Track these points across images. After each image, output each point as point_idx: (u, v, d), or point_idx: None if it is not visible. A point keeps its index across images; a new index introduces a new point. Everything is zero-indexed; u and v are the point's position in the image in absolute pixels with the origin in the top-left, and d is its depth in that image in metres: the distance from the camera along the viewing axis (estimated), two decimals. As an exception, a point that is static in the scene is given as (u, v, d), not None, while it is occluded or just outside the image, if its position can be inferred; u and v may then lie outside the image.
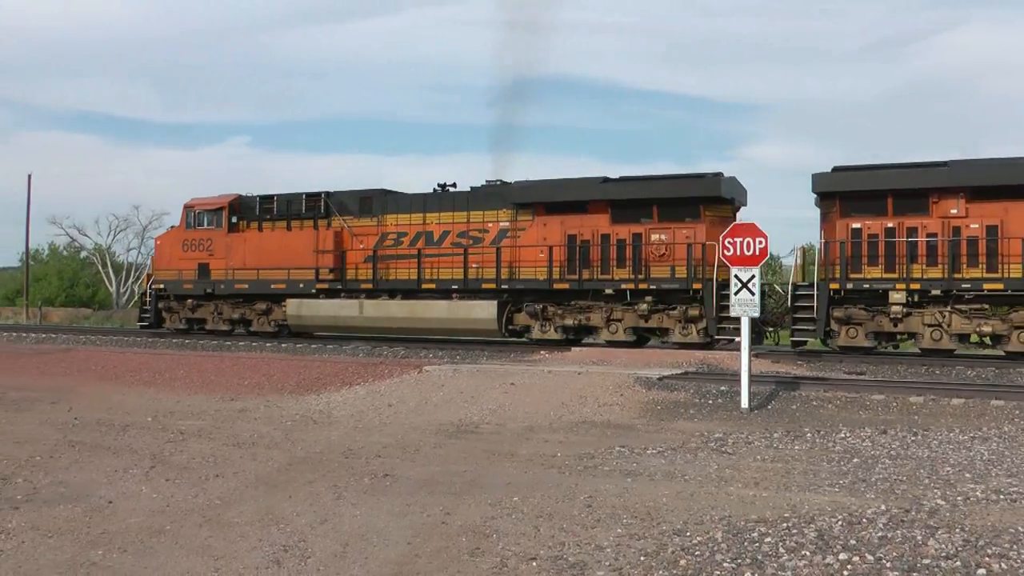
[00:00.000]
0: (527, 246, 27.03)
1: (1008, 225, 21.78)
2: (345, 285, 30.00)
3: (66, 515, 9.12)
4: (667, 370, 18.92)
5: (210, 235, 32.72)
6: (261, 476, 10.75)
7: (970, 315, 22.31)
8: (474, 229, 28.19)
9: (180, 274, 33.40)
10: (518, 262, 27.18)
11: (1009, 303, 21.95)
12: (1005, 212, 21.91)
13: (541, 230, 27.01)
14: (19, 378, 22.40)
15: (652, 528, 7.97)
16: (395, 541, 7.91)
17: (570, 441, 12.78)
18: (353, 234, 30.23)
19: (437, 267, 28.48)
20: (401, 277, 29.11)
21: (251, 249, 31.83)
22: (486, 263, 27.43)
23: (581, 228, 26.49)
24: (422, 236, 28.94)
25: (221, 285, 32.39)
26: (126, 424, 14.92)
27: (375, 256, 29.43)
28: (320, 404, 17.01)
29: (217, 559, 7.60)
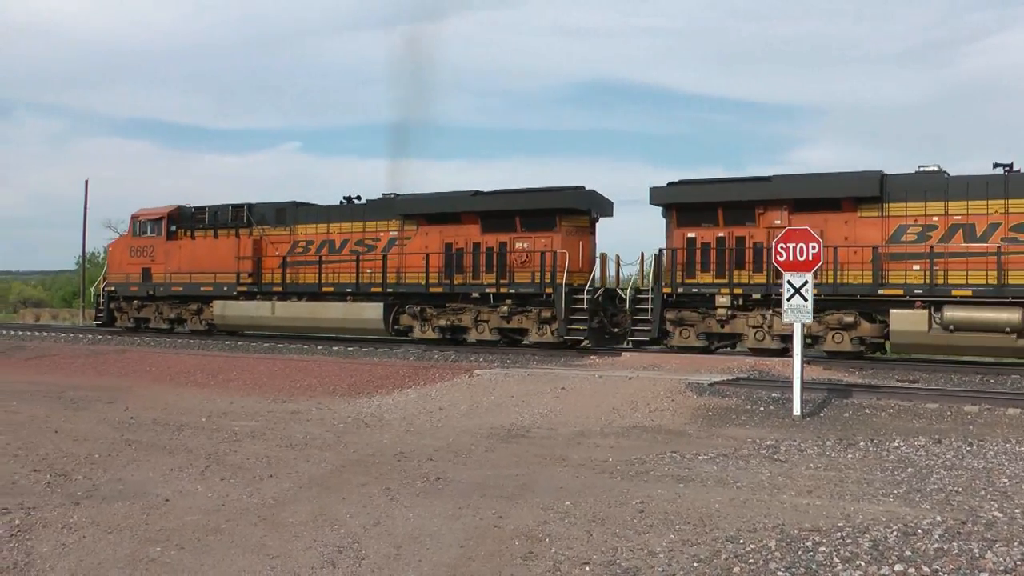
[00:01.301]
0: (411, 253, 30.04)
1: (825, 235, 22.95)
2: (260, 288, 33.25)
3: (124, 512, 9.26)
4: (718, 376, 18.84)
5: (152, 242, 36.37)
6: (314, 477, 10.83)
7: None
8: (369, 238, 31.28)
9: (128, 277, 37.22)
10: (404, 268, 30.21)
11: (825, 307, 23.29)
12: (824, 223, 23.52)
13: (423, 239, 29.95)
14: (76, 378, 22.71)
15: (705, 535, 7.95)
16: (448, 544, 7.95)
17: (621, 446, 12.77)
18: (269, 242, 33.44)
19: (337, 272, 31.51)
20: (307, 281, 32.27)
21: (185, 255, 35.38)
22: (376, 269, 30.45)
23: (456, 237, 29.27)
24: (326, 244, 32.19)
25: (161, 288, 36.11)
26: (181, 424, 15.08)
27: (285, 262, 32.67)
28: (372, 407, 17.10)
29: (272, 558, 7.68)
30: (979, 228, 22.09)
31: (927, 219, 22.83)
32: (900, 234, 23.16)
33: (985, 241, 21.95)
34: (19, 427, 14.69)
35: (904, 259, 22.90)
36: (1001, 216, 21.93)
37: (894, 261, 23.05)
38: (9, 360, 27.05)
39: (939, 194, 22.82)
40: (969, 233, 22.23)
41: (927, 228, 22.78)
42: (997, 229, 21.97)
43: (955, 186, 22.74)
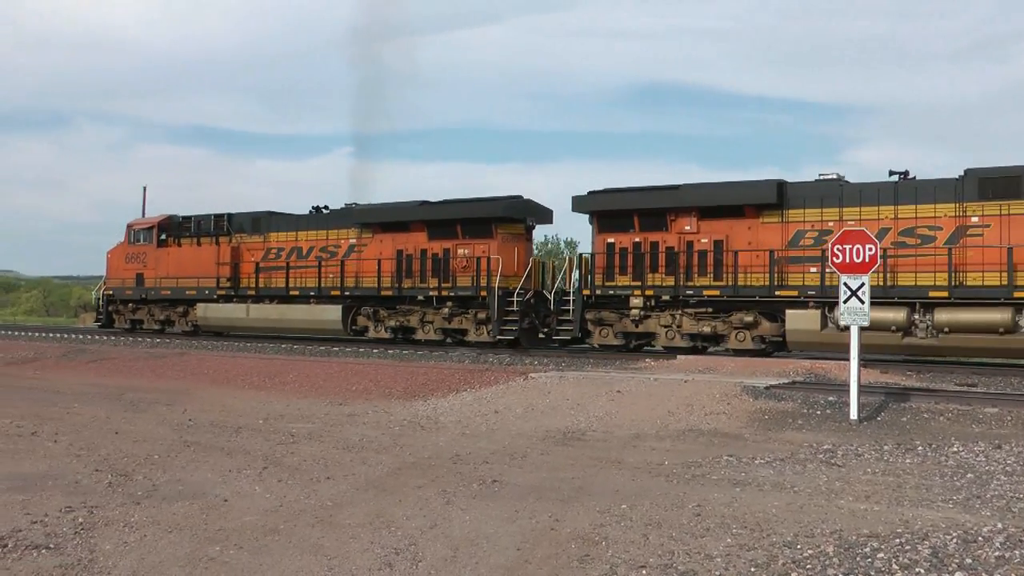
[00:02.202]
0: (366, 259, 32.80)
1: (731, 240, 25.67)
2: (237, 292, 36.42)
3: (184, 511, 9.36)
4: (774, 379, 18.76)
5: (145, 250, 39.52)
6: (371, 480, 10.90)
7: (697, 317, 26.27)
8: (331, 245, 34.08)
9: (123, 282, 40.67)
10: (361, 273, 32.96)
11: (730, 307, 25.78)
12: (730, 228, 25.78)
13: (378, 246, 32.71)
14: (136, 380, 22.99)
15: (762, 539, 7.93)
16: (504, 547, 7.98)
17: (677, 449, 12.75)
18: (246, 249, 36.63)
19: (303, 277, 34.60)
20: (277, 285, 35.38)
21: (172, 261, 38.52)
22: (336, 274, 33.35)
23: (406, 244, 31.95)
24: (295, 251, 35.15)
25: (152, 291, 39.36)
26: (239, 426, 15.23)
27: (258, 268, 35.86)
28: (427, 410, 17.17)
29: (330, 559, 7.73)
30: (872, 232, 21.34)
31: (823, 224, 24.52)
32: (798, 239, 24.86)
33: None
34: (81, 428, 14.89)
35: (802, 262, 24.62)
36: (891, 221, 23.65)
37: (793, 264, 24.79)
38: (71, 363, 27.42)
39: (835, 201, 24.53)
40: None
41: (823, 233, 24.21)
42: (887, 233, 23.47)
43: (849, 193, 24.46)
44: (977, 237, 22.58)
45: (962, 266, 22.71)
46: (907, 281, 23.25)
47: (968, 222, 22.80)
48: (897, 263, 23.40)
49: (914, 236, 23.44)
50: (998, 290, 21.96)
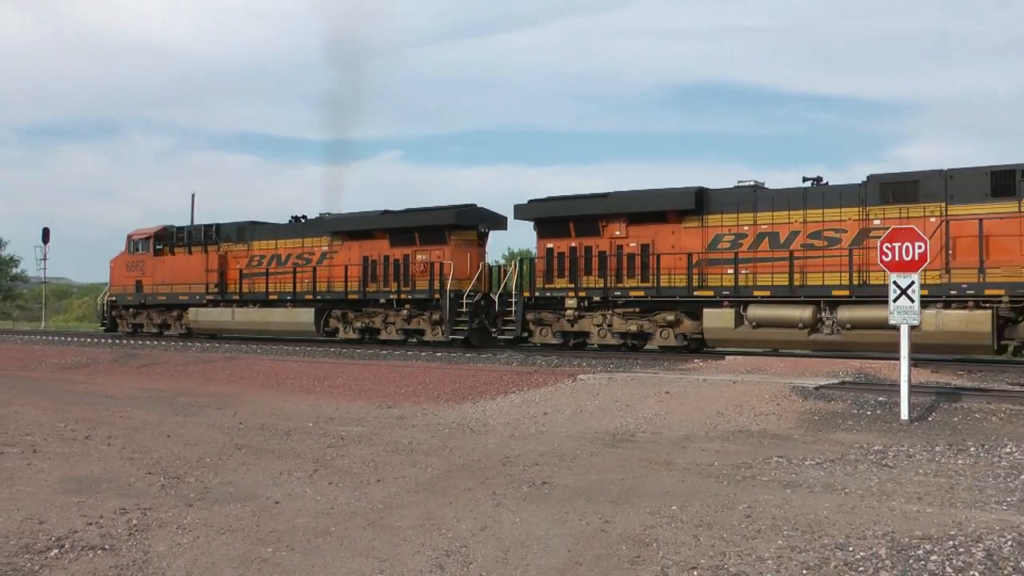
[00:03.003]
0: (336, 265, 35.02)
1: (656, 244, 27.33)
2: (224, 296, 38.81)
3: (236, 513, 9.45)
4: (823, 379, 18.63)
5: (143, 258, 41.98)
6: (421, 482, 10.94)
7: (625, 317, 28.03)
8: (307, 252, 36.38)
9: (125, 289, 43.03)
10: (332, 278, 35.13)
11: (654, 307, 27.54)
12: (655, 233, 27.42)
13: (347, 252, 34.95)
14: (186, 384, 23.19)
15: (814, 541, 7.89)
16: (555, 548, 7.99)
17: (727, 450, 12.71)
18: (232, 256, 39.03)
19: (282, 282, 36.84)
20: (258, 291, 37.74)
21: (167, 269, 40.93)
22: (310, 279, 35.73)
23: (371, 251, 34.10)
24: (275, 258, 37.53)
25: (149, 297, 41.81)
26: (288, 429, 15.32)
27: (242, 274, 38.24)
28: (476, 412, 17.20)
29: (382, 561, 7.78)
30: (782, 236, 25.34)
31: (739, 228, 26.07)
32: (717, 242, 26.41)
33: (787, 247, 25.13)
34: (133, 431, 15.05)
35: (720, 264, 26.24)
36: (800, 225, 25.10)
37: (712, 266, 26.39)
38: (122, 368, 27.70)
39: (750, 206, 26.02)
40: (774, 240, 25.45)
41: (739, 236, 26.04)
42: (797, 236, 25.11)
43: (763, 199, 25.92)
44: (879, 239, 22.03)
45: (865, 266, 23.84)
46: (815, 281, 24.66)
47: (870, 225, 24.04)
48: (806, 264, 24.89)
49: (821, 238, 24.80)
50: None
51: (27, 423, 15.95)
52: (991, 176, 22.58)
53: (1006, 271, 22.03)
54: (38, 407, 18.30)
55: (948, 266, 22.80)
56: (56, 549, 8.21)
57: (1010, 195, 22.25)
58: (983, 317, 22.24)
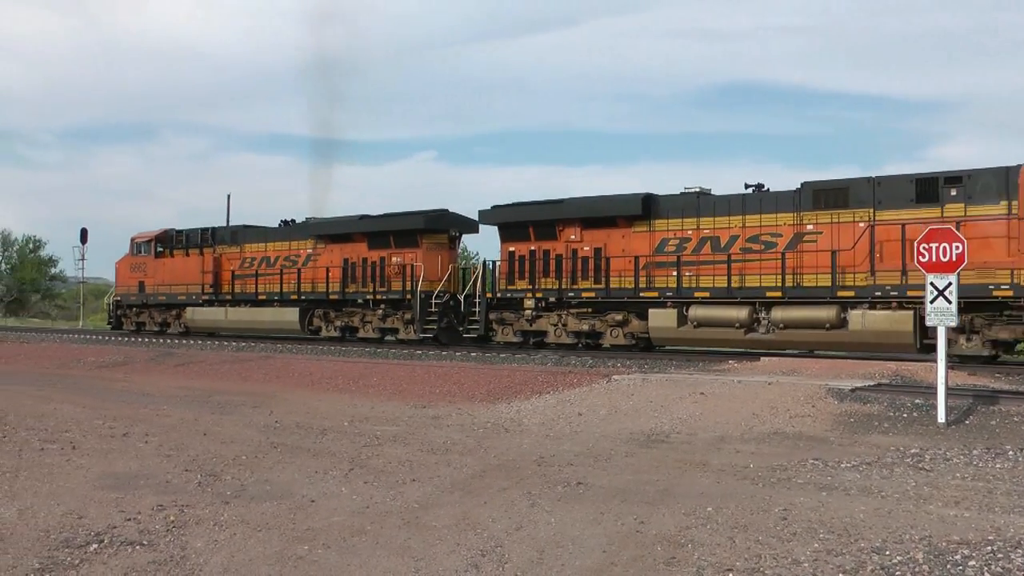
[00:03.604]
0: (319, 267, 36.85)
1: (608, 248, 28.73)
2: (218, 297, 40.85)
3: (272, 511, 9.51)
4: (859, 381, 18.52)
5: (145, 260, 44.12)
6: (456, 482, 10.97)
7: (579, 316, 29.45)
8: (293, 255, 38.34)
9: (129, 289, 45.35)
10: (315, 279, 36.95)
11: (605, 307, 28.95)
12: (607, 237, 28.83)
13: (329, 255, 36.74)
14: (222, 383, 23.31)
15: (850, 544, 7.86)
16: (590, 549, 8.00)
17: (762, 452, 12.67)
18: (226, 259, 40.97)
19: (270, 283, 38.84)
20: (249, 291, 39.75)
21: (167, 270, 43.08)
22: (295, 280, 37.70)
23: (351, 253, 35.88)
24: (264, 260, 39.63)
25: (151, 297, 43.99)
26: (324, 428, 15.39)
27: (234, 275, 40.32)
28: (511, 412, 17.22)
29: (417, 560, 7.81)
30: (723, 240, 26.65)
31: (684, 233, 27.45)
32: (663, 246, 27.80)
33: (727, 251, 26.44)
34: (170, 429, 15.16)
35: (666, 267, 27.53)
36: (740, 229, 26.36)
37: (658, 268, 27.71)
38: (159, 366, 27.87)
39: (693, 211, 27.37)
40: (715, 244, 26.79)
41: (683, 241, 27.45)
42: (736, 240, 26.38)
43: (706, 205, 27.26)
44: (812, 243, 25.16)
45: (799, 269, 25.27)
46: (753, 283, 25.93)
47: (804, 230, 25.39)
48: (744, 267, 26.16)
49: (759, 243, 26.07)
50: (825, 290, 24.66)
51: (66, 420, 16.10)
52: (915, 183, 23.80)
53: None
54: (77, 404, 18.46)
55: (874, 269, 24.04)
56: (95, 544, 8.30)
57: (933, 201, 23.42)
58: (905, 318, 23.43)
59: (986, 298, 22.51)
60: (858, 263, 24.29)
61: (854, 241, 24.24)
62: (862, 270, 24.16)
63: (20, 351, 34.36)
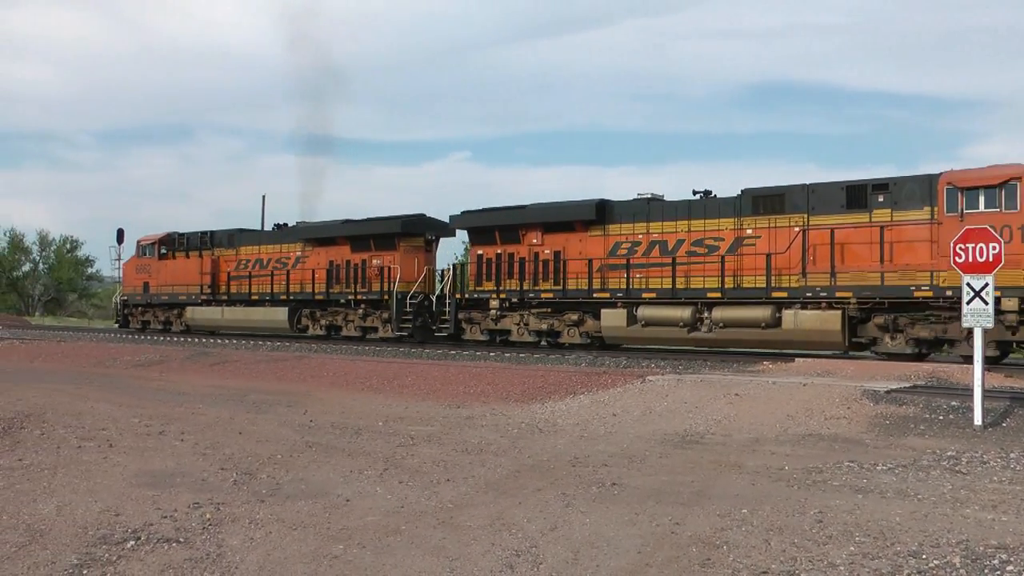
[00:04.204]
0: (307, 269, 38.83)
1: (566, 251, 30.44)
2: (215, 297, 42.79)
3: (307, 510, 9.57)
4: (895, 383, 18.42)
5: (150, 262, 46.10)
6: (491, 482, 10.99)
7: (539, 316, 31.12)
8: (284, 257, 40.30)
9: (134, 289, 47.22)
10: (303, 280, 38.95)
11: (562, 307, 30.69)
12: (566, 241, 30.49)
13: (316, 257, 38.72)
14: (257, 382, 23.42)
15: (886, 548, 7.82)
16: (625, 550, 8.00)
17: (797, 454, 12.62)
18: (223, 261, 42.97)
19: (262, 284, 40.83)
20: (243, 291, 41.69)
21: (169, 272, 44.96)
22: (284, 281, 39.72)
23: (336, 256, 37.83)
24: (257, 262, 41.57)
25: (154, 297, 45.96)
26: (358, 428, 15.43)
27: (229, 276, 42.32)
28: (545, 413, 17.22)
29: (452, 560, 7.83)
30: (670, 244, 28.22)
31: (635, 237, 29.05)
32: (616, 249, 29.34)
33: (673, 254, 27.97)
34: (206, 428, 15.25)
35: (618, 269, 29.05)
36: (686, 234, 27.93)
37: (611, 271, 29.26)
38: (194, 365, 28.02)
39: (644, 216, 28.93)
40: (663, 248, 28.34)
41: (634, 244, 29.01)
42: (683, 244, 27.96)
43: (655, 210, 28.84)
44: (751, 247, 26.61)
45: (739, 271, 26.72)
46: (697, 284, 27.44)
47: (744, 234, 26.84)
48: (689, 269, 27.68)
49: (703, 246, 27.58)
50: (760, 291, 26.12)
51: (103, 418, 16.21)
52: (846, 190, 25.05)
53: (854, 276, 24.65)
54: (113, 403, 18.59)
55: (805, 271, 25.39)
56: (132, 541, 8.39)
57: (862, 207, 24.69)
58: (834, 317, 24.76)
59: (908, 299, 23.83)
60: (792, 266, 25.71)
61: (788, 245, 25.68)
62: (795, 272, 25.58)
63: (57, 350, 34.62)
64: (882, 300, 24.24)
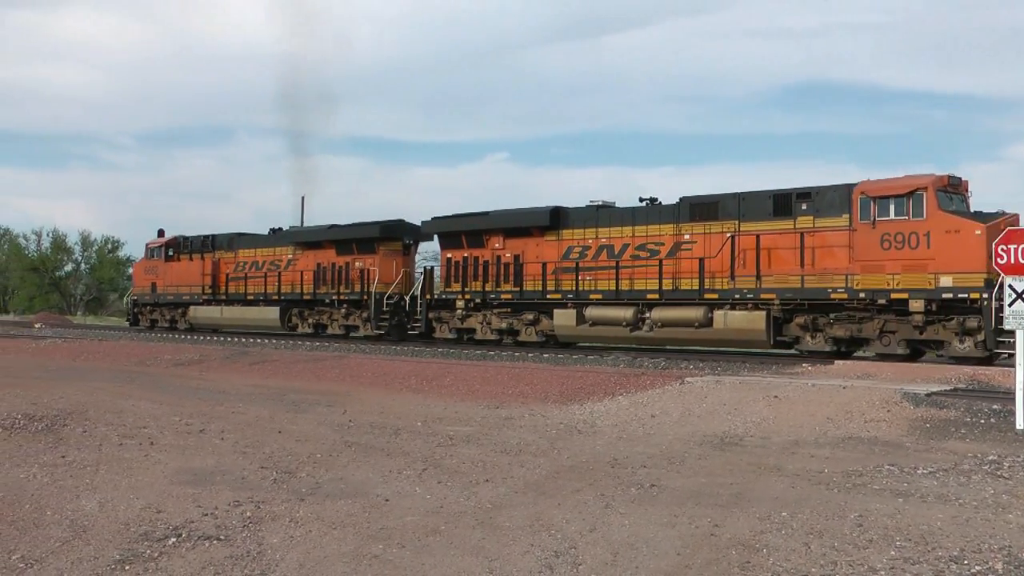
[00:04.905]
0: (297, 271, 41.16)
1: (525, 255, 32.19)
2: (215, 297, 45.30)
3: (347, 509, 9.62)
4: (935, 386, 18.31)
5: (157, 264, 48.88)
6: (529, 483, 11.00)
7: (500, 316, 33.02)
8: (277, 259, 42.66)
9: (143, 290, 50.24)
10: (294, 282, 41.23)
11: (520, 308, 32.52)
12: (524, 245, 32.36)
13: (306, 260, 41.00)
14: (297, 382, 23.52)
15: (927, 553, 7.77)
16: (664, 551, 7.99)
17: (837, 457, 12.55)
18: (223, 263, 45.49)
19: (257, 285, 43.23)
20: (240, 292, 43.99)
21: (174, 273, 47.59)
22: (276, 283, 41.91)
23: (323, 259, 40.17)
24: (253, 264, 43.95)
25: (161, 297, 48.61)
26: (397, 428, 15.47)
27: (228, 278, 44.74)
28: (583, 414, 17.21)
29: (491, 560, 7.86)
30: (617, 248, 29.79)
31: (585, 242, 30.80)
32: (568, 253, 31.15)
33: (619, 258, 29.58)
34: (246, 427, 15.34)
35: (570, 272, 30.81)
36: (631, 239, 29.55)
37: (564, 273, 31.04)
38: (234, 364, 28.16)
39: (593, 222, 30.69)
40: (610, 252, 29.93)
41: (585, 248, 30.75)
42: (628, 248, 29.52)
43: (604, 216, 30.48)
44: (688, 251, 28.13)
45: (677, 274, 28.33)
46: (640, 286, 29.07)
47: (682, 239, 28.43)
48: (633, 272, 29.27)
49: (645, 250, 29.16)
50: (694, 293, 27.68)
51: (144, 416, 16.35)
52: (773, 199, 26.46)
53: (778, 279, 26.08)
54: (154, 401, 18.73)
55: (734, 274, 26.83)
56: (174, 538, 8.48)
57: (787, 215, 26.11)
58: (759, 317, 26.25)
59: (826, 300, 25.21)
60: (723, 269, 27.21)
61: (719, 249, 27.12)
62: (725, 275, 27.14)
63: (99, 349, 34.92)
64: (803, 301, 25.72)
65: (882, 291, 24.08)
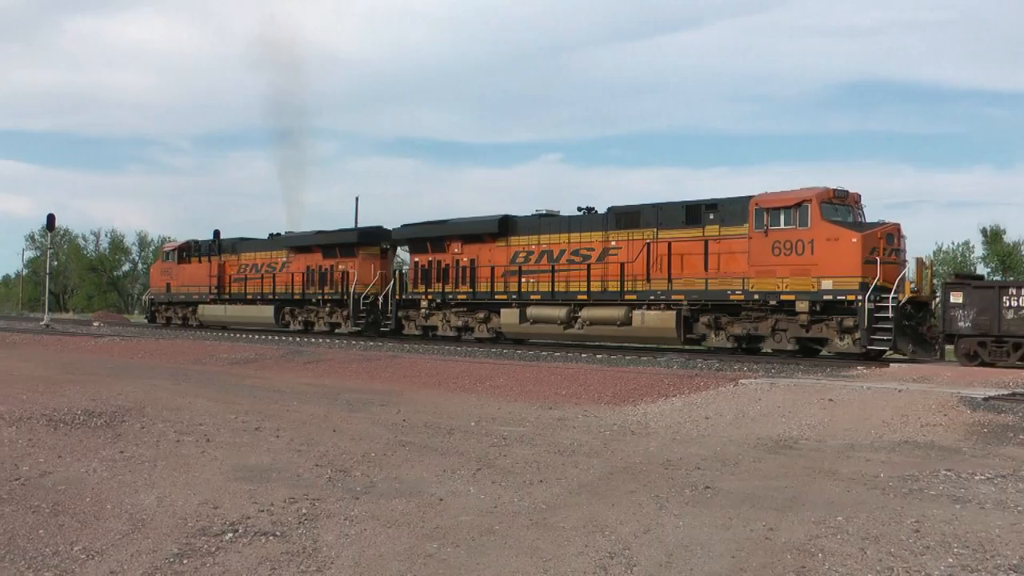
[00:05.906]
0: (289, 272, 44.74)
1: (479, 259, 35.49)
2: (220, 297, 49.07)
3: (401, 508, 9.65)
4: (992, 390, 18.10)
5: (171, 266, 53.09)
6: (583, 483, 10.99)
7: (457, 314, 36.55)
8: (273, 262, 46.33)
9: (159, 289, 54.84)
10: (287, 283, 44.77)
11: (473, 307, 35.96)
12: (479, 251, 35.55)
13: (297, 263, 44.57)
14: (350, 381, 23.64)
15: (985, 561, 7.69)
16: (719, 554, 7.96)
17: (892, 461, 12.45)
18: (228, 265, 49.16)
19: (255, 286, 46.87)
20: (241, 292, 47.68)
21: (186, 274, 51.66)
22: (271, 284, 45.71)
23: (312, 262, 43.63)
24: (253, 267, 47.63)
25: (175, 296, 52.81)
26: (451, 428, 15.50)
27: (231, 279, 48.56)
28: (636, 415, 17.18)
29: (545, 561, 7.86)
30: (555, 253, 32.95)
31: (529, 247, 33.95)
32: (515, 258, 34.32)
33: (556, 262, 32.72)
34: (300, 425, 15.43)
35: (515, 275, 34.00)
36: (567, 245, 32.64)
37: (511, 276, 34.22)
38: (289, 363, 28.34)
39: (536, 230, 33.93)
40: (550, 257, 33.09)
41: (529, 254, 33.90)
42: (564, 253, 32.67)
43: (546, 224, 33.74)
44: (614, 256, 30.93)
45: (605, 277, 31.14)
46: (574, 288, 32.05)
47: (609, 245, 31.25)
48: (568, 275, 32.30)
49: (579, 256, 32.11)
50: (616, 294, 30.64)
51: (200, 414, 16.48)
52: (685, 209, 29.22)
53: (687, 282, 28.81)
54: (210, 399, 18.88)
55: (649, 277, 29.64)
56: (231, 533, 8.56)
57: (697, 224, 28.79)
58: (670, 316, 29.02)
59: (726, 301, 27.89)
60: (641, 273, 29.96)
61: (637, 255, 29.82)
62: (642, 278, 29.90)
63: (157, 347, 35.29)
64: (707, 302, 28.49)
65: (773, 293, 26.67)
